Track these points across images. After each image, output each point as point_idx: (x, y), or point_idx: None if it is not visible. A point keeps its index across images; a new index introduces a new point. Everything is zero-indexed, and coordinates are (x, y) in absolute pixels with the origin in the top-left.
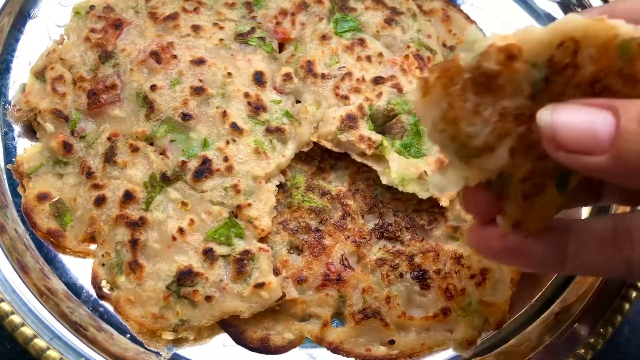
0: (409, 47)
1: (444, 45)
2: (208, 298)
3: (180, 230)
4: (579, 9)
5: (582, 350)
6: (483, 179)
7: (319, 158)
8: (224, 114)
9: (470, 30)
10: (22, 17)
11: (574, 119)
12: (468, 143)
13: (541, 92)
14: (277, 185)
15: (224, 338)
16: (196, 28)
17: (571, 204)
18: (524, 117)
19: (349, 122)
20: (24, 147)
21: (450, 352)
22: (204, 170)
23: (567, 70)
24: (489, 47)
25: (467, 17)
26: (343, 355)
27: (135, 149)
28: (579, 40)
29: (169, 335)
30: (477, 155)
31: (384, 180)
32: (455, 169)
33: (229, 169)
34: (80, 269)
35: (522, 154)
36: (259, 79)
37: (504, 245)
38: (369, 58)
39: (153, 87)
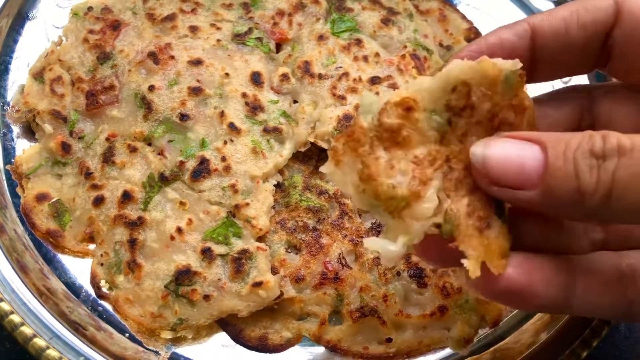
0: (405, 47)
1: (441, 45)
2: (206, 297)
3: (179, 230)
4: None
5: (578, 348)
6: (427, 229)
7: (316, 157)
8: (222, 114)
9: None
10: (20, 19)
11: (505, 154)
12: (393, 195)
13: (447, 134)
14: (274, 185)
15: (222, 337)
16: (194, 29)
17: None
18: (441, 160)
19: (346, 122)
20: (23, 148)
21: (447, 350)
22: (202, 170)
23: (465, 111)
24: (385, 105)
25: (464, 17)
26: (340, 354)
27: (133, 150)
28: (469, 82)
29: (167, 334)
30: (407, 206)
31: None
32: (393, 228)
33: (227, 168)
34: (79, 269)
35: (455, 191)
36: (256, 79)
37: (508, 287)
38: (365, 58)
39: (151, 88)
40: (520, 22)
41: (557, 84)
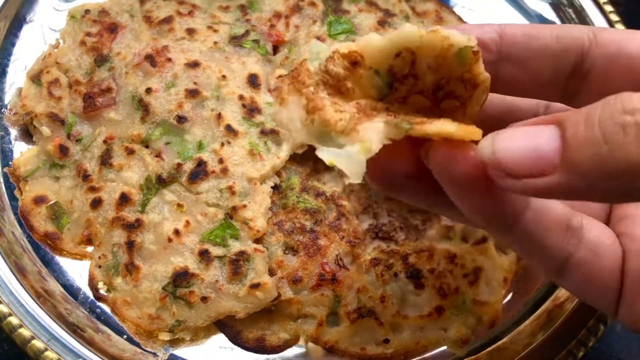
0: None
1: None
2: (204, 299)
3: (176, 232)
4: (570, 10)
5: (574, 348)
6: (385, 134)
7: (313, 159)
8: (219, 116)
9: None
10: (17, 22)
11: (516, 141)
12: (343, 117)
13: (388, 96)
14: (272, 187)
15: (220, 338)
16: (191, 31)
17: None
18: (382, 110)
19: None
20: (21, 150)
21: (444, 351)
22: (199, 172)
23: (408, 79)
24: (333, 53)
25: (460, 19)
26: (338, 355)
27: (130, 152)
28: (415, 51)
29: (165, 336)
30: (359, 122)
31: None
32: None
33: (224, 170)
34: (77, 271)
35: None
36: (253, 81)
37: (469, 172)
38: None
39: (148, 90)
40: (489, 24)
41: None
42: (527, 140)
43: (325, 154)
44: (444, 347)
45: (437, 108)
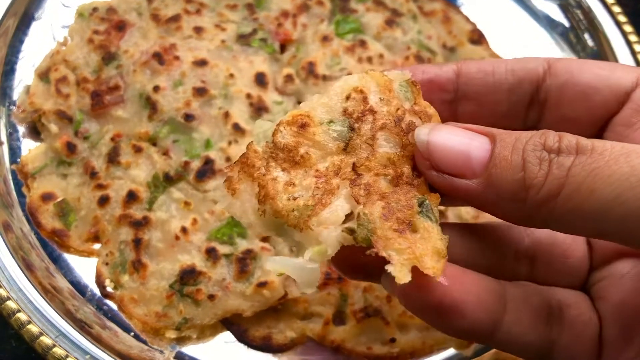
0: (409, 48)
1: (444, 46)
2: (211, 297)
3: (183, 230)
4: (578, 11)
5: None
6: (341, 237)
7: None
8: (226, 114)
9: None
10: (26, 19)
11: (451, 140)
12: (295, 206)
13: (352, 140)
14: None
15: (226, 336)
16: (198, 30)
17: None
18: (348, 168)
19: None
20: (29, 147)
21: (450, 351)
22: (207, 170)
23: (367, 116)
24: (277, 126)
25: (467, 19)
26: (344, 354)
27: (138, 150)
28: (363, 89)
29: (172, 334)
30: (314, 214)
31: None
32: (303, 243)
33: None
34: (85, 268)
35: (367, 196)
36: (260, 80)
37: (440, 300)
38: (370, 59)
39: (156, 88)
40: (447, 63)
41: None
42: (460, 143)
43: (272, 265)
44: (450, 347)
45: (406, 150)
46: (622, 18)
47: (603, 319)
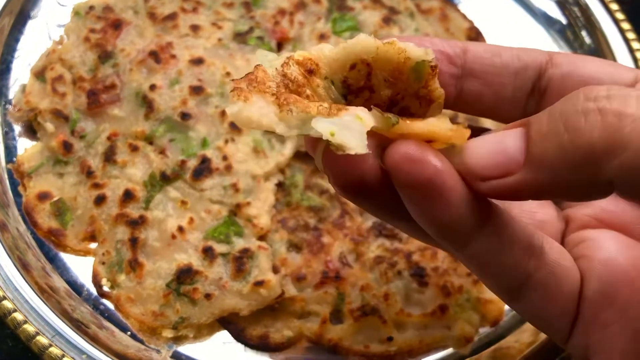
0: None
1: None
2: (208, 296)
3: (180, 229)
4: (575, 8)
5: None
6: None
7: None
8: (223, 113)
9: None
10: (22, 18)
11: (484, 144)
12: (322, 105)
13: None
14: (276, 184)
15: (223, 335)
16: (195, 28)
17: None
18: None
19: None
20: (25, 146)
21: (448, 349)
22: (203, 169)
23: (363, 92)
24: (288, 59)
25: (464, 17)
26: (342, 353)
27: (134, 149)
28: (371, 64)
29: (169, 333)
30: (344, 108)
31: None
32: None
33: (228, 168)
34: (81, 267)
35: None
36: None
37: (431, 178)
38: None
39: (152, 87)
40: (454, 40)
41: None
42: (494, 144)
43: (321, 124)
44: (448, 346)
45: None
46: (619, 15)
47: (585, 276)
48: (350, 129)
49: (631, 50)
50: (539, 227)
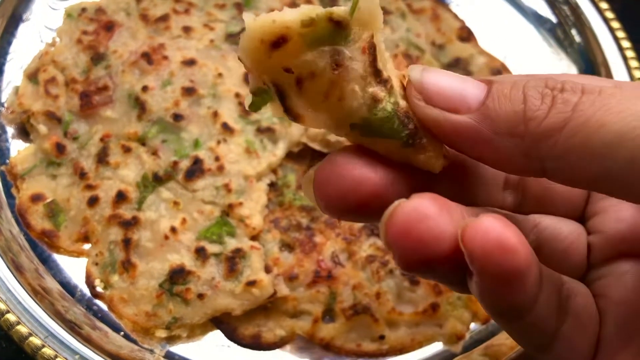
0: (398, 46)
1: (433, 44)
2: (200, 296)
3: (173, 229)
4: (565, 7)
5: None
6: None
7: (309, 157)
8: (215, 114)
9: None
10: (14, 20)
11: (446, 79)
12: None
13: None
14: (268, 184)
15: (216, 335)
16: (187, 29)
17: None
18: None
19: None
20: (18, 148)
21: (440, 347)
22: (196, 170)
23: None
24: None
25: (456, 16)
26: (334, 352)
27: (127, 150)
28: None
29: (162, 333)
30: None
31: None
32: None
33: (220, 168)
34: (74, 268)
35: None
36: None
37: (497, 239)
38: None
39: (144, 88)
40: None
41: None
42: (456, 81)
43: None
44: (440, 343)
45: None
46: (609, 14)
47: (602, 316)
48: None
49: (620, 49)
50: (565, 255)
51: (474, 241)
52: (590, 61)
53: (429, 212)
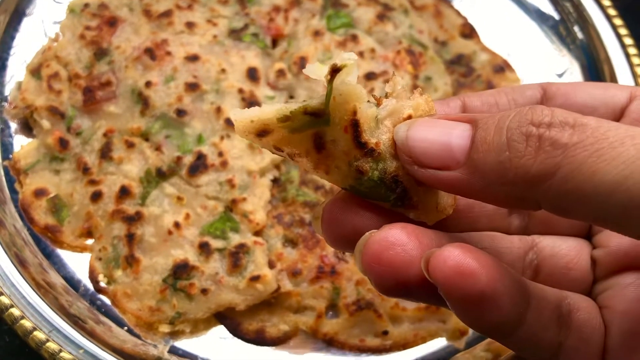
0: (400, 42)
1: (436, 40)
2: (204, 291)
3: (176, 225)
4: (568, 4)
5: None
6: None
7: None
8: (218, 109)
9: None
10: (17, 15)
11: (430, 133)
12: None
13: None
14: (271, 180)
15: (220, 330)
16: (190, 25)
17: None
18: None
19: None
20: (21, 143)
21: (443, 342)
22: (199, 165)
23: None
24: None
25: (458, 13)
26: (337, 347)
27: (130, 145)
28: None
29: (165, 328)
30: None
31: None
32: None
33: (224, 164)
34: (78, 263)
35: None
36: (252, 75)
37: (481, 290)
38: (361, 54)
39: (148, 84)
40: (452, 98)
41: None
42: (440, 134)
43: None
44: (443, 339)
45: None
46: (612, 11)
47: (608, 327)
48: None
49: (623, 46)
50: (566, 270)
51: (435, 269)
52: (592, 58)
53: (397, 240)
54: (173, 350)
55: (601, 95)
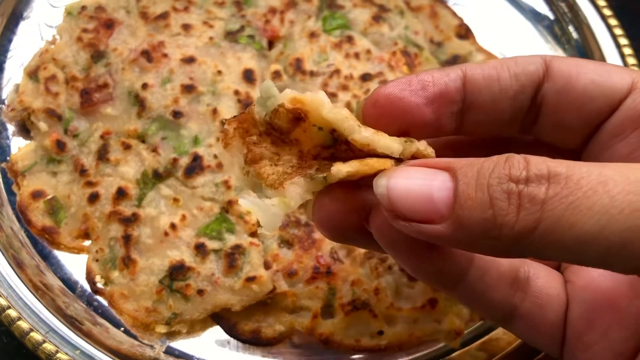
0: (396, 43)
1: (432, 41)
2: (200, 292)
3: (172, 226)
4: (562, 4)
5: None
6: (303, 195)
7: None
8: (215, 111)
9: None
10: (14, 18)
11: (410, 184)
12: (275, 172)
13: (333, 146)
14: None
15: (216, 331)
16: (186, 27)
17: None
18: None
19: None
20: (19, 146)
21: (438, 342)
22: (195, 166)
23: (341, 146)
24: (279, 107)
25: (454, 13)
26: (333, 347)
27: (127, 147)
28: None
29: (162, 329)
30: (289, 177)
31: None
32: (274, 195)
33: (220, 165)
34: (75, 265)
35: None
36: (248, 76)
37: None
38: (357, 55)
39: (144, 86)
40: (453, 67)
41: None
42: (421, 186)
43: (244, 202)
44: (438, 340)
45: None
46: (607, 11)
47: (570, 300)
48: (268, 211)
49: (618, 46)
50: None
51: (372, 223)
52: (587, 58)
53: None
54: (169, 351)
55: (602, 82)
